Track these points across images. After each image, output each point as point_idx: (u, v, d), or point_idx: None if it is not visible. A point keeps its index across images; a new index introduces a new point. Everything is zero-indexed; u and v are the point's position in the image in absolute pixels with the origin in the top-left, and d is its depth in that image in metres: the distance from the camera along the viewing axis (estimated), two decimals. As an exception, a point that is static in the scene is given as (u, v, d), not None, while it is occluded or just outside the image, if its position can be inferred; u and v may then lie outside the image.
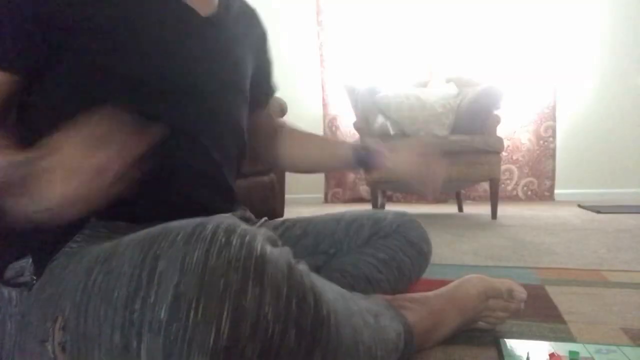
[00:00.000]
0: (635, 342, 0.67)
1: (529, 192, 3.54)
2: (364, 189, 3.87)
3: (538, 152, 3.51)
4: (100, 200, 0.49)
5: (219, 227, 0.41)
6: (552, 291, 0.95)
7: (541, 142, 3.50)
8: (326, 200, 3.97)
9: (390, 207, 3.37)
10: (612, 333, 0.71)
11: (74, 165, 0.47)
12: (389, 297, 0.69)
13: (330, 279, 0.60)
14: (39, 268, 0.55)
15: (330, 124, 3.92)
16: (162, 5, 0.67)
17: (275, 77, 0.95)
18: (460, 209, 2.87)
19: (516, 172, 3.56)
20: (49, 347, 0.47)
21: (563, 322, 0.76)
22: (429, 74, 3.67)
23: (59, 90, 0.61)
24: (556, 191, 3.58)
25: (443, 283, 1.03)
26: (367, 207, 3.45)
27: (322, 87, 3.90)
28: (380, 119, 2.34)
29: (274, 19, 4.04)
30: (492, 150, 2.29)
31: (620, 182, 3.48)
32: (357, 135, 3.82)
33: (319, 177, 4.04)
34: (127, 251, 0.45)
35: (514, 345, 0.66)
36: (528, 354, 0.62)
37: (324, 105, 3.92)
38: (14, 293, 0.56)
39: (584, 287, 0.98)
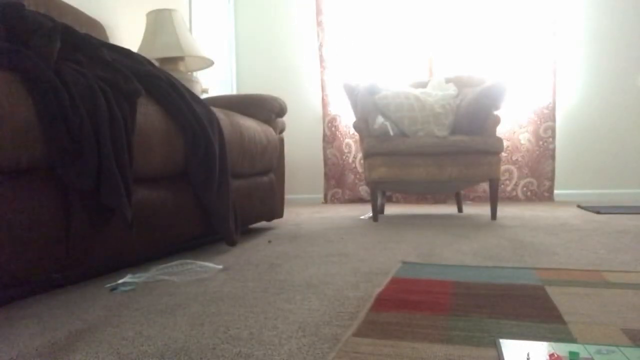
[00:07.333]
0: (635, 342, 0.67)
1: (529, 193, 3.54)
2: (363, 189, 3.87)
3: (537, 152, 3.51)
4: None
5: None
6: (552, 291, 0.95)
7: (540, 142, 3.50)
8: (326, 201, 3.97)
9: (390, 207, 3.37)
10: (612, 333, 0.71)
11: None
12: None
13: None
14: None
15: (330, 124, 3.92)
16: None
17: (276, 78, 0.95)
18: (460, 210, 2.87)
19: (516, 173, 3.57)
20: None
21: (563, 322, 0.76)
22: (428, 74, 3.68)
23: None
24: (556, 192, 3.58)
25: (443, 283, 1.02)
26: (367, 207, 3.45)
27: (322, 87, 3.90)
28: (379, 119, 2.34)
29: (274, 19, 4.04)
30: (492, 150, 2.30)
31: (620, 182, 3.49)
32: (357, 135, 3.83)
33: (319, 178, 4.05)
34: None
35: (514, 345, 0.66)
36: (528, 354, 0.62)
37: (324, 105, 3.92)
38: None
39: (583, 287, 0.98)
